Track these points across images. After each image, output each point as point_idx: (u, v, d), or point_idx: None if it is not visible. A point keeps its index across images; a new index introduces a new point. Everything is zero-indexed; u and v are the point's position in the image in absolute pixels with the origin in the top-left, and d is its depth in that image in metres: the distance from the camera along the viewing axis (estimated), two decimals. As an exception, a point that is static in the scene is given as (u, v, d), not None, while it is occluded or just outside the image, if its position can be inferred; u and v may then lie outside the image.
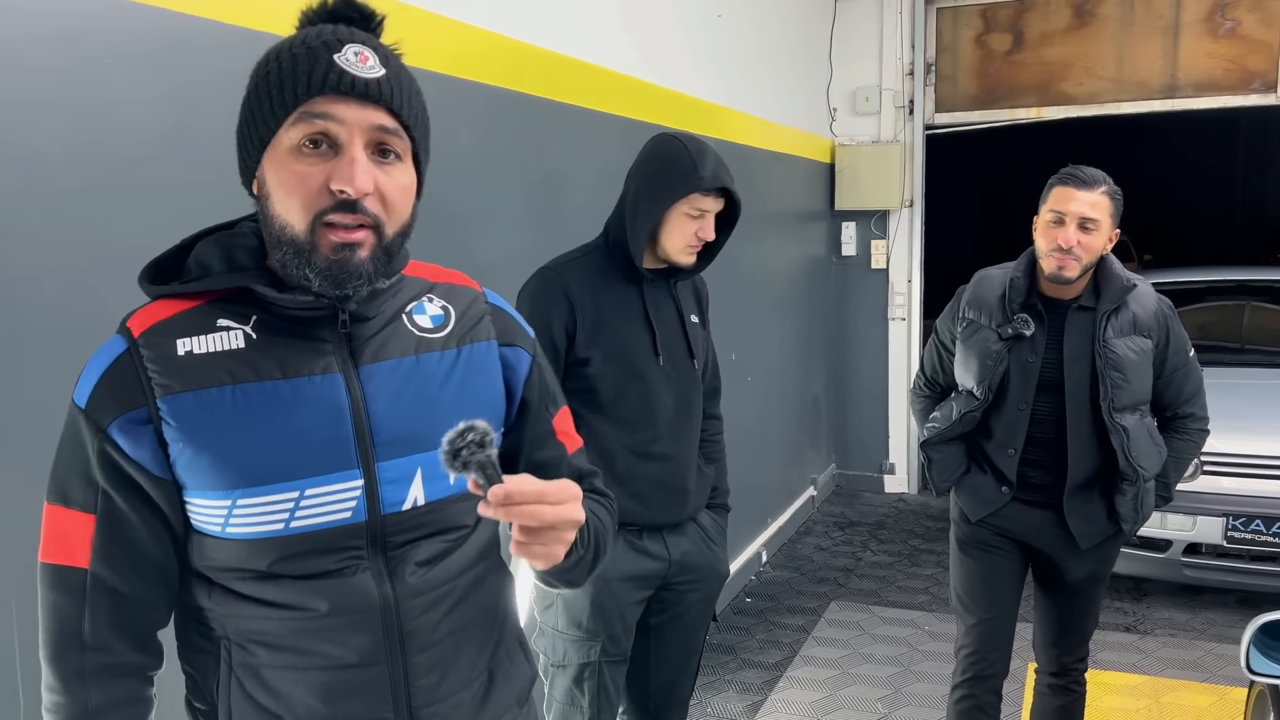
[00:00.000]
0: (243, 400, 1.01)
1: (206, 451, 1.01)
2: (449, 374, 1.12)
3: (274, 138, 1.00)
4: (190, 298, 1.04)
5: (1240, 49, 5.46)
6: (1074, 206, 2.27)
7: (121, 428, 1.00)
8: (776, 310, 5.20)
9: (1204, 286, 5.78)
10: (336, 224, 0.99)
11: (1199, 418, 2.50)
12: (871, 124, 5.99)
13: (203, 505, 1.03)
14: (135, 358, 1.01)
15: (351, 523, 1.05)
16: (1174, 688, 3.53)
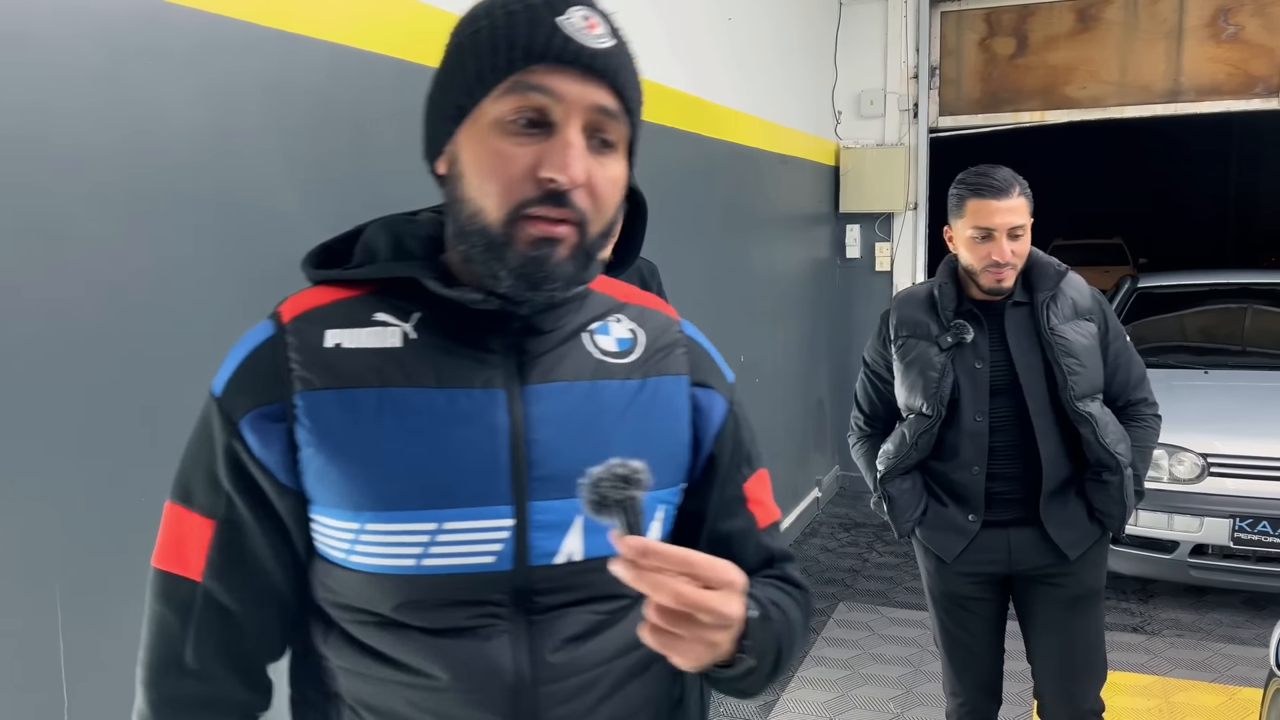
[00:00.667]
0: (389, 407, 0.87)
1: (339, 462, 0.86)
2: (627, 408, 0.94)
3: (476, 108, 0.85)
4: (351, 286, 0.92)
5: (1243, 54, 5.50)
6: (999, 219, 2.17)
7: (253, 423, 0.87)
8: (782, 312, 5.22)
9: (1206, 289, 5.82)
10: (538, 217, 0.84)
11: (1150, 403, 2.41)
12: (876, 127, 6.02)
13: (329, 525, 0.88)
14: (280, 345, 0.88)
15: (493, 570, 0.88)
16: (1184, 688, 3.55)
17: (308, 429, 0.86)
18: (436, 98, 0.90)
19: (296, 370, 0.87)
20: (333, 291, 0.91)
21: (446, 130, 0.88)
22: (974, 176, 2.22)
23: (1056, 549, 2.27)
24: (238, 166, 1.73)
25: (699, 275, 4.03)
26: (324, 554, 0.90)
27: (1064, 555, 2.26)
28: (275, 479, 0.88)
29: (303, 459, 0.87)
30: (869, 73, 5.99)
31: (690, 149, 3.90)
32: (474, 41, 0.85)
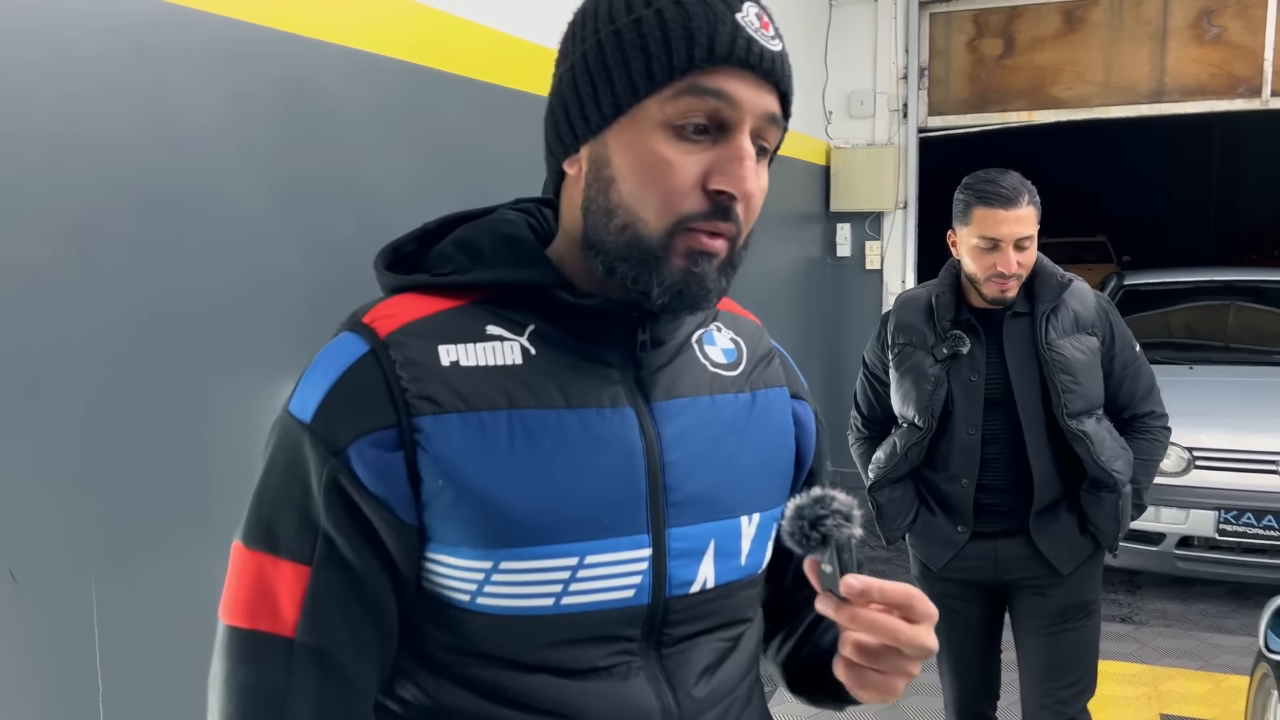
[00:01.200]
0: (521, 432, 0.78)
1: (471, 493, 0.77)
2: (745, 423, 0.90)
3: (635, 107, 0.77)
4: (448, 295, 0.82)
5: (1226, 55, 5.59)
6: (1006, 229, 2.09)
7: (363, 452, 0.76)
8: (775, 311, 5.28)
9: (1190, 287, 5.92)
10: (698, 230, 0.77)
11: (1159, 414, 2.32)
12: (866, 127, 6.09)
13: (451, 565, 0.78)
14: (383, 363, 0.77)
15: (632, 604, 0.81)
16: (1171, 676, 3.63)
17: (434, 457, 0.76)
18: (577, 90, 0.79)
19: (413, 391, 0.77)
20: (428, 301, 0.82)
21: (592, 127, 0.79)
22: (982, 183, 2.13)
23: (1046, 561, 2.22)
24: (261, 165, 1.77)
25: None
26: (442, 596, 0.80)
27: (1054, 568, 2.22)
28: (391, 514, 0.77)
29: (426, 491, 0.77)
30: (859, 73, 6.05)
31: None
32: (637, 32, 0.76)
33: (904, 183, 6.05)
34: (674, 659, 0.84)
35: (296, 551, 0.77)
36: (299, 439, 0.77)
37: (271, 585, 0.77)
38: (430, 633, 0.81)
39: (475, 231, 0.86)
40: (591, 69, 0.78)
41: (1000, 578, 2.29)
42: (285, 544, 0.77)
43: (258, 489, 0.80)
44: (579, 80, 0.79)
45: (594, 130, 0.79)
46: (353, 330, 0.80)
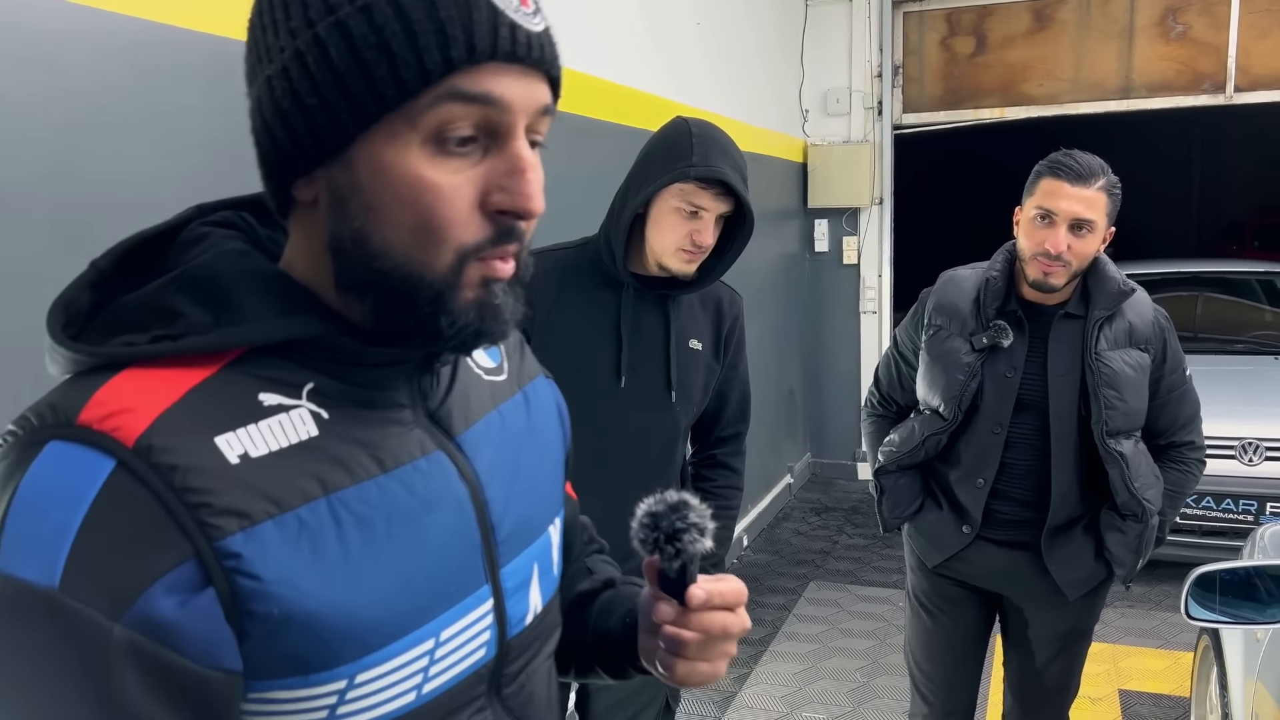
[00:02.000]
0: (348, 519, 0.65)
1: (311, 615, 0.62)
2: (528, 426, 0.83)
3: (382, 122, 0.62)
4: (184, 363, 0.63)
5: (1191, 51, 5.73)
6: (1065, 205, 1.91)
7: (156, 604, 0.57)
8: (754, 305, 5.38)
9: (1159, 278, 6.06)
10: (488, 257, 0.65)
11: (1197, 446, 2.16)
12: (842, 124, 6.21)
13: (292, 699, 0.64)
14: (148, 479, 0.58)
15: (484, 663, 0.74)
16: (1131, 654, 3.77)
17: (261, 585, 0.61)
18: (306, 100, 0.62)
19: (210, 507, 0.59)
20: (161, 376, 0.62)
21: (328, 146, 0.63)
22: (1059, 155, 1.96)
23: (1052, 582, 2.07)
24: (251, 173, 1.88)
25: (672, 270, 4.20)
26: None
27: (1060, 591, 2.07)
28: (212, 668, 0.60)
29: (257, 629, 0.61)
30: (834, 72, 6.18)
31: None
32: (370, 26, 0.60)
33: (879, 179, 6.18)
34: (516, 699, 0.78)
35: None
36: (46, 613, 0.55)
37: None
38: None
39: (208, 272, 0.66)
40: (314, 74, 0.61)
41: (999, 588, 2.17)
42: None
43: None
44: (298, 88, 0.62)
45: (331, 152, 0.63)
46: (68, 440, 0.58)
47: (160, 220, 0.71)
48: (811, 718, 3.35)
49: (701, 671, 0.79)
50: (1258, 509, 4.16)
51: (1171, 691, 3.44)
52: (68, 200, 1.57)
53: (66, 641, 0.55)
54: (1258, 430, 4.27)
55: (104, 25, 1.62)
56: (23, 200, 1.50)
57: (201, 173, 1.80)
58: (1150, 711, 3.34)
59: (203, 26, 1.79)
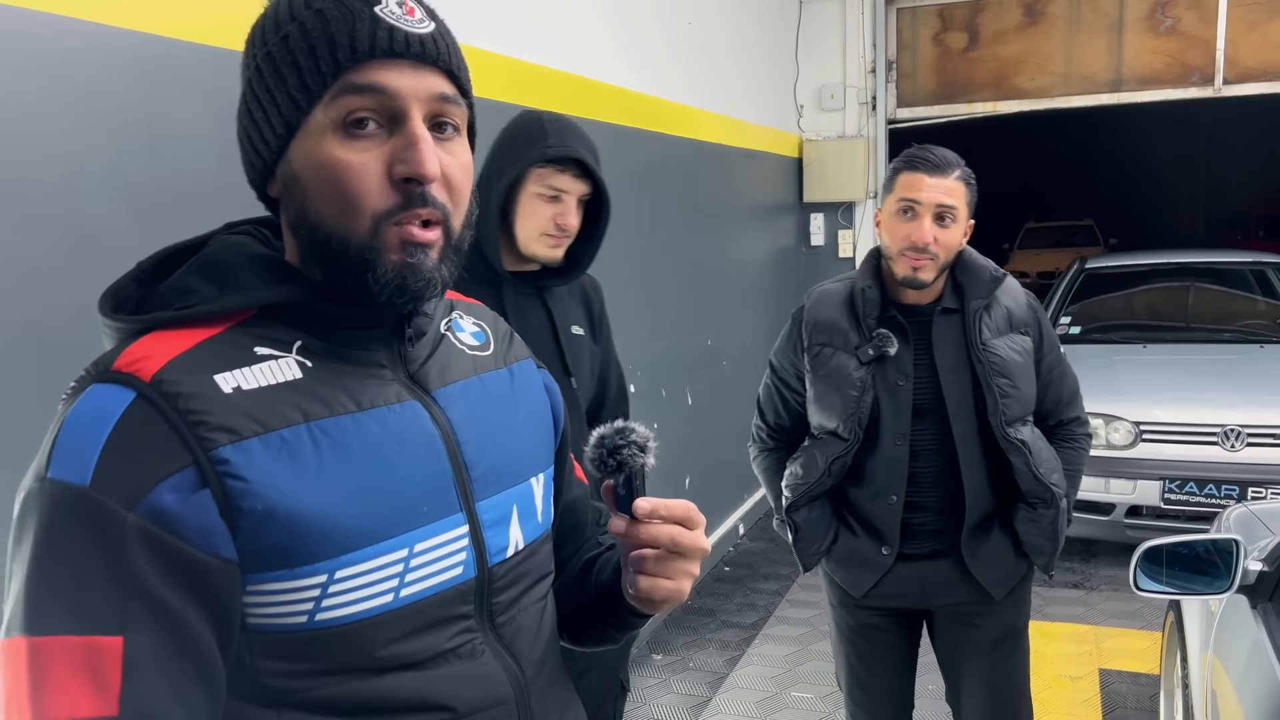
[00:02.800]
0: (325, 441, 0.79)
1: (295, 512, 0.76)
2: (510, 396, 0.96)
3: (304, 121, 0.79)
4: (198, 326, 0.80)
5: (1180, 45, 5.81)
6: (927, 194, 1.90)
7: (162, 499, 0.72)
8: (751, 298, 5.51)
9: (1150, 269, 6.15)
10: (403, 221, 0.80)
11: (1082, 420, 2.15)
12: (836, 120, 6.30)
13: (282, 590, 0.77)
14: (159, 405, 0.74)
15: (463, 580, 0.85)
16: (1114, 635, 3.87)
17: (248, 485, 0.75)
18: (251, 117, 0.82)
19: (206, 425, 0.75)
20: (179, 336, 0.79)
21: (273, 150, 0.81)
22: (914, 150, 1.98)
23: (978, 585, 2.04)
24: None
25: (670, 265, 4.31)
26: (273, 626, 0.77)
27: (987, 593, 2.04)
28: (212, 555, 0.74)
29: (245, 522, 0.75)
30: (829, 68, 6.27)
31: (657, 148, 4.18)
32: (286, 49, 0.79)
33: (874, 173, 6.27)
34: (508, 628, 0.89)
35: (103, 624, 0.70)
36: (78, 506, 0.71)
37: (78, 668, 0.70)
38: (264, 666, 0.78)
39: (218, 257, 0.85)
40: (259, 93, 0.81)
41: (926, 604, 2.11)
42: (90, 620, 0.70)
43: (28, 574, 0.72)
44: (251, 106, 0.82)
45: (276, 152, 0.81)
46: (105, 381, 0.76)
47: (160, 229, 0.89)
48: (800, 696, 3.46)
49: (663, 587, 0.89)
50: (1239, 494, 4.25)
51: (1149, 670, 3.54)
52: (77, 205, 1.68)
53: (93, 527, 0.71)
54: (1240, 417, 4.36)
55: (111, 40, 1.73)
56: (35, 204, 1.62)
57: (204, 180, 1.92)
58: (1128, 689, 3.44)
59: (205, 39, 1.90)
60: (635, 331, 3.95)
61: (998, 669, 2.11)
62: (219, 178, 1.94)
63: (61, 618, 0.70)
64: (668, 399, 4.31)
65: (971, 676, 2.13)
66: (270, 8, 0.82)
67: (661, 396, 4.24)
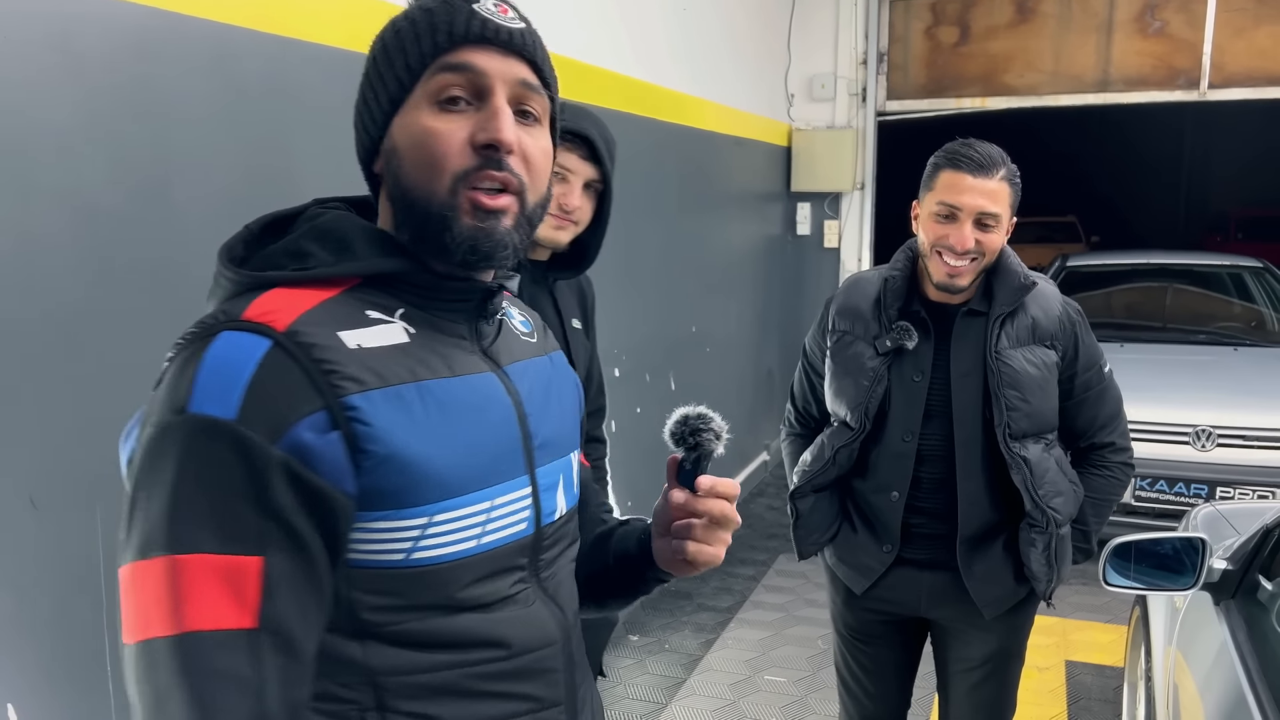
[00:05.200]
0: (430, 400, 0.88)
1: (407, 458, 0.84)
2: (552, 379, 1.06)
3: (407, 98, 0.90)
4: (315, 287, 0.88)
5: (1167, 47, 5.86)
6: (969, 199, 1.83)
7: (302, 437, 0.80)
8: (735, 286, 5.54)
9: (1130, 269, 6.23)
10: (480, 186, 0.88)
11: (1120, 448, 2.04)
12: (826, 110, 6.33)
13: (387, 529, 0.85)
14: (295, 354, 0.82)
15: (525, 535, 0.95)
16: (1081, 628, 3.95)
17: (372, 430, 0.83)
18: (365, 102, 0.93)
19: (337, 374, 0.83)
20: (299, 294, 0.86)
21: (379, 128, 0.92)
22: (956, 146, 1.89)
23: (973, 604, 1.99)
24: (250, 152, 2.01)
25: (655, 250, 4.33)
26: (374, 562, 0.85)
27: (979, 611, 1.99)
28: (336, 489, 0.82)
29: (367, 463, 0.83)
30: (820, 58, 6.29)
31: (648, 133, 4.19)
32: (397, 40, 0.91)
33: (862, 164, 6.31)
34: (550, 581, 0.99)
35: (246, 544, 0.78)
36: (224, 437, 0.78)
37: (221, 584, 0.77)
38: (359, 599, 0.85)
39: (333, 225, 0.92)
40: (372, 79, 0.93)
41: (925, 613, 2.08)
42: (233, 540, 0.77)
43: (171, 498, 0.77)
44: (365, 92, 0.94)
45: (380, 127, 0.92)
46: (238, 329, 0.82)
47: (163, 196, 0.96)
48: (773, 680, 3.52)
49: (708, 552, 1.01)
50: (1208, 493, 4.33)
51: (1114, 663, 3.62)
52: (78, 178, 1.69)
53: (240, 456, 0.78)
54: (1211, 418, 4.44)
55: (114, 12, 1.74)
56: (36, 177, 1.63)
57: (205, 153, 1.92)
58: (1093, 681, 3.52)
59: (206, 14, 1.91)
60: (621, 316, 3.98)
61: (981, 686, 2.09)
62: (217, 156, 1.96)
63: (206, 538, 0.77)
64: (651, 384, 4.34)
65: (957, 689, 2.12)
66: (395, 15, 0.94)
67: (645, 381, 4.27)
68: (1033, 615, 2.11)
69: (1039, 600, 2.07)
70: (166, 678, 0.76)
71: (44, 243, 1.64)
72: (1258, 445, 4.36)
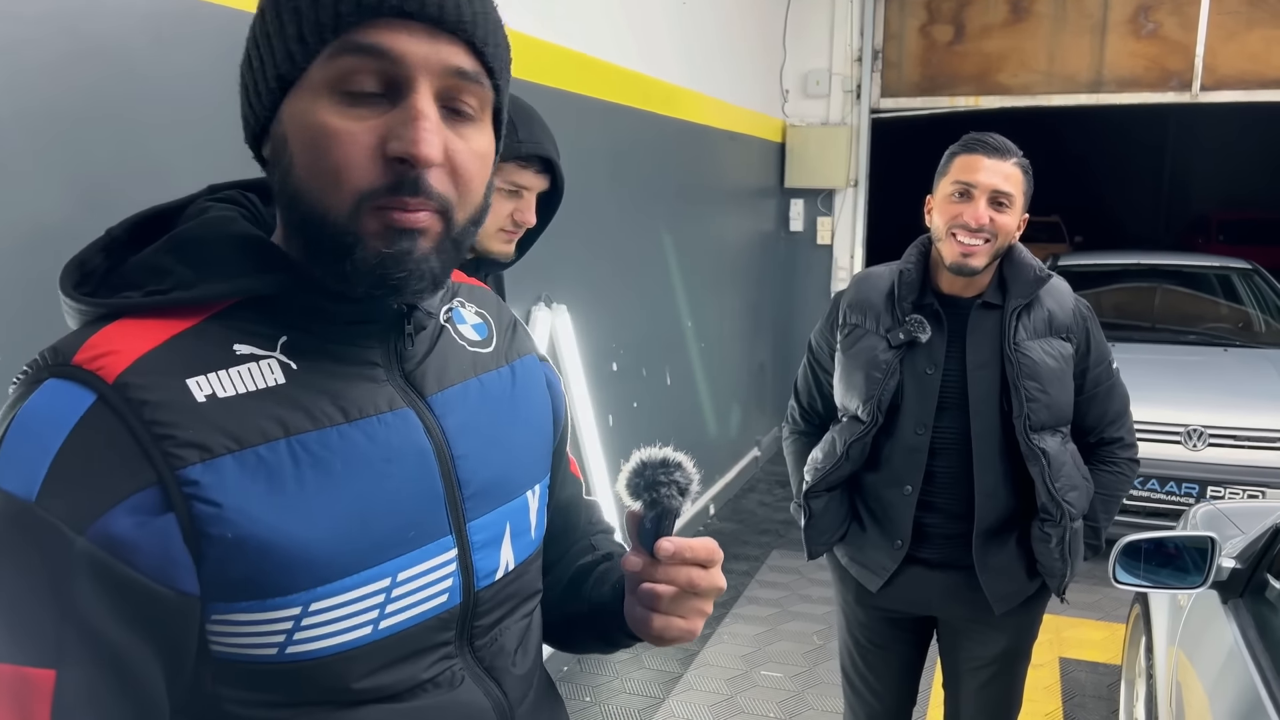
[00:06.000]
0: (306, 459, 0.71)
1: (267, 540, 0.69)
2: (512, 397, 0.88)
3: (301, 77, 0.69)
4: (172, 315, 0.71)
5: (1160, 49, 5.90)
6: (984, 177, 1.84)
7: (118, 523, 0.65)
8: (728, 281, 5.54)
9: (1120, 269, 6.26)
10: (388, 206, 0.69)
11: (1127, 444, 2.06)
12: (821, 106, 6.33)
13: (250, 622, 0.70)
14: (122, 412, 0.66)
15: (446, 608, 0.79)
16: (1074, 625, 3.97)
17: (218, 510, 0.67)
18: (250, 67, 0.72)
19: (174, 440, 0.67)
20: (149, 326, 0.70)
21: (267, 106, 0.71)
22: (972, 135, 1.92)
23: (984, 601, 1.99)
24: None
25: (651, 246, 4.32)
26: (239, 656, 0.71)
27: (990, 609, 1.99)
28: (168, 588, 0.67)
29: (212, 551, 0.67)
30: (815, 54, 6.29)
31: (644, 126, 4.18)
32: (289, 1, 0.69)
33: (855, 161, 6.31)
34: (488, 650, 0.83)
35: (35, 655, 0.64)
36: (21, 522, 0.64)
37: (4, 698, 0.63)
38: (228, 694, 0.72)
39: (197, 233, 0.75)
40: (259, 40, 0.71)
41: (933, 612, 2.11)
42: (17, 648, 0.64)
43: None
44: (251, 54, 0.72)
45: (268, 108, 0.72)
46: (62, 377, 0.67)
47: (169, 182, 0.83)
48: (769, 675, 3.52)
49: (677, 627, 0.82)
50: (1199, 492, 4.37)
51: (1107, 660, 3.64)
52: (86, 162, 1.66)
53: (35, 549, 0.64)
54: (1202, 418, 4.47)
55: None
56: (44, 160, 1.60)
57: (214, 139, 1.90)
58: (1087, 677, 3.54)
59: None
60: (618, 311, 3.96)
61: (989, 685, 2.10)
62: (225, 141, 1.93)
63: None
64: (647, 379, 4.33)
65: (965, 688, 2.13)
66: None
67: (641, 376, 4.26)
68: (1041, 614, 2.12)
69: (1046, 599, 2.08)
70: None
71: (45, 228, 1.62)
72: (1248, 445, 4.40)
